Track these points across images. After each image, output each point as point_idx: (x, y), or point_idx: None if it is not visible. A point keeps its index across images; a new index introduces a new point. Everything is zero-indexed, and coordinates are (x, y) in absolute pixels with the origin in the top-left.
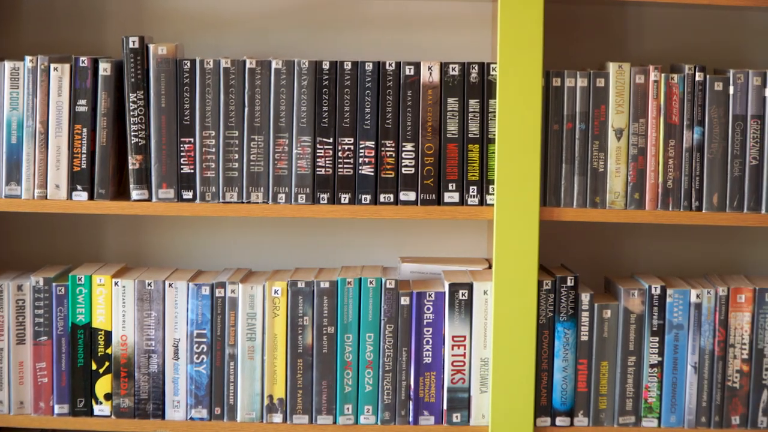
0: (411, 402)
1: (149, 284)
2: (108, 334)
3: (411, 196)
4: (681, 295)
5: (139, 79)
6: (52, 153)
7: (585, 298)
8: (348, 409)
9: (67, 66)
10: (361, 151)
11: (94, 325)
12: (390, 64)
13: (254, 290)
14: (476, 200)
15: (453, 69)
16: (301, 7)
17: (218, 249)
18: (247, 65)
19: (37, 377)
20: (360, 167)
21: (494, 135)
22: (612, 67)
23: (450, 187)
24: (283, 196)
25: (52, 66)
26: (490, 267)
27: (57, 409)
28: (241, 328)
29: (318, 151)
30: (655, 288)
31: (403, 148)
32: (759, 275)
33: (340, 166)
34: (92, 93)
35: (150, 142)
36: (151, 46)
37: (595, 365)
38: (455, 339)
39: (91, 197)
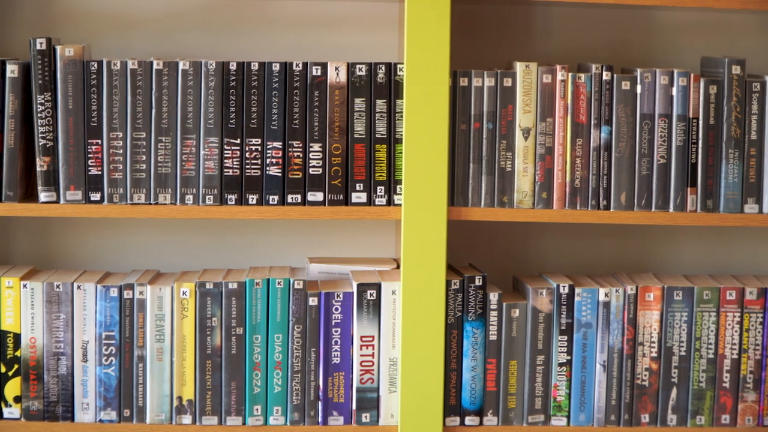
0: (320, 402)
1: (58, 286)
2: (17, 337)
3: (318, 196)
4: (589, 294)
5: (47, 80)
6: None
7: (493, 297)
8: (257, 410)
9: None
10: (268, 151)
11: (3, 327)
12: (297, 65)
13: (162, 292)
14: (384, 200)
15: (360, 69)
16: (208, 7)
17: (126, 251)
18: (154, 66)
19: None
20: (267, 168)
21: (401, 135)
22: (519, 67)
23: (357, 188)
24: (191, 197)
25: None
26: (398, 267)
27: None
28: (149, 329)
29: (225, 152)
30: (564, 287)
31: (311, 149)
32: (667, 273)
33: (247, 166)
34: None
35: (58, 144)
36: (59, 48)
37: (503, 364)
38: (364, 339)
39: None
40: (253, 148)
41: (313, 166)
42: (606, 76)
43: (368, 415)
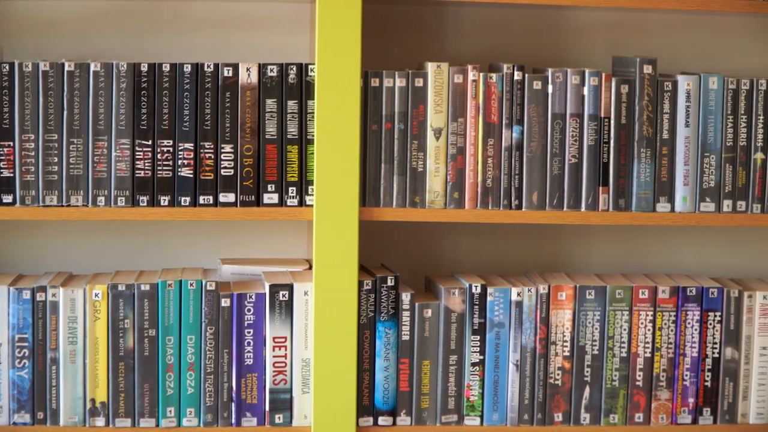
0: (233, 404)
1: None
2: None
3: (230, 197)
4: (502, 294)
5: None
6: None
7: (406, 297)
8: (170, 411)
9: None
10: (180, 153)
11: None
12: (208, 66)
13: (75, 294)
14: (295, 201)
15: (271, 70)
16: (120, 9)
17: (39, 253)
18: (66, 68)
19: None
20: (179, 169)
21: (313, 136)
22: (430, 67)
23: (269, 189)
24: (103, 198)
25: None
26: (310, 268)
27: None
28: (62, 331)
29: (137, 153)
30: (476, 287)
31: (222, 150)
32: (580, 273)
33: (159, 168)
34: None
35: None
36: None
37: (416, 364)
38: (276, 340)
39: None
40: (165, 149)
41: (225, 167)
42: (517, 76)
43: (281, 416)
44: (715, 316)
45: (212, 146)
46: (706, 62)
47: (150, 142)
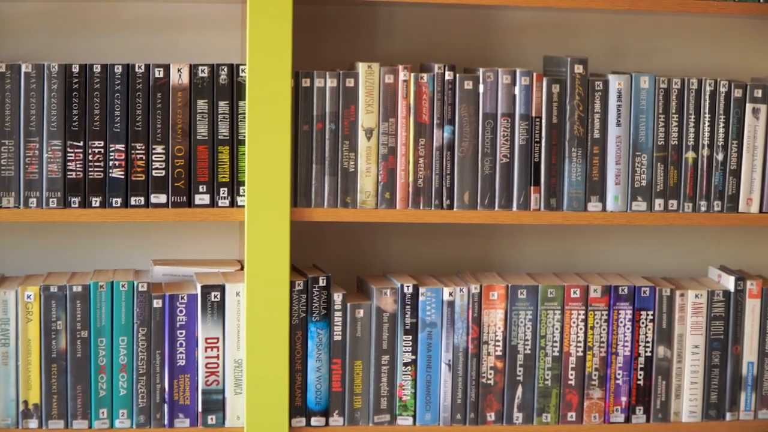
0: (166, 405)
1: None
2: None
3: (162, 198)
4: (433, 294)
5: None
6: None
7: (337, 298)
8: (103, 413)
9: None
10: (111, 154)
11: None
12: (139, 67)
13: (7, 295)
14: (227, 202)
15: (202, 71)
16: (50, 10)
17: None
18: None
19: None
20: (110, 170)
21: (244, 136)
22: (361, 67)
23: (201, 189)
24: (35, 200)
25: None
26: (242, 268)
27: None
28: None
29: (69, 154)
30: (408, 287)
31: (153, 151)
32: (511, 272)
33: (90, 169)
34: None
35: None
36: None
37: (349, 365)
38: (208, 341)
39: None
40: (96, 150)
41: (156, 168)
42: (448, 76)
43: (214, 417)
44: (648, 315)
45: (143, 147)
46: (637, 62)
47: (81, 144)
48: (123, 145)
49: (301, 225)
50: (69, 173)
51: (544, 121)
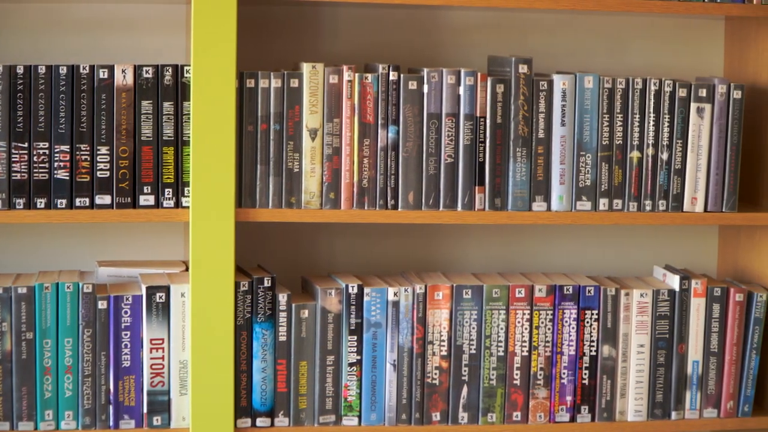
0: (111, 406)
1: None
2: None
3: (107, 199)
4: (378, 294)
5: None
6: None
7: (282, 298)
8: (49, 414)
9: None
10: (56, 155)
11: None
12: (84, 68)
13: None
14: (171, 203)
15: (147, 72)
16: None
17: None
18: None
19: None
20: (55, 171)
21: (189, 137)
22: (306, 68)
23: (145, 190)
24: None
25: None
26: (187, 269)
27: None
28: None
29: (13, 156)
30: (352, 287)
31: (98, 152)
32: (456, 272)
33: (35, 170)
34: None
35: None
36: None
37: (294, 365)
38: (153, 342)
39: None
40: (41, 151)
41: (101, 170)
42: (393, 76)
43: (159, 418)
44: (592, 314)
45: (88, 148)
46: (582, 61)
47: (26, 145)
48: (68, 146)
49: (245, 225)
50: (14, 174)
51: (488, 121)
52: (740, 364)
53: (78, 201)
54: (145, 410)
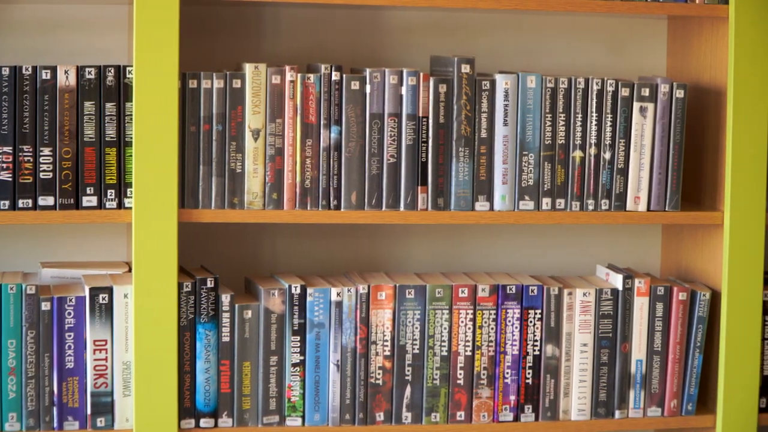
0: (55, 408)
1: None
2: None
3: (49, 200)
4: (321, 294)
5: None
6: None
7: (225, 299)
8: None
9: None
10: None
11: None
12: (26, 69)
13: None
14: (114, 204)
15: (89, 72)
16: None
17: None
18: None
19: None
20: None
21: (131, 138)
22: (248, 68)
23: (88, 191)
24: None
25: None
26: (130, 270)
27: None
28: None
29: None
30: (295, 287)
31: (41, 153)
32: (399, 272)
33: None
34: None
35: None
36: None
37: (237, 366)
38: (97, 343)
39: None
40: None
41: (44, 171)
42: (335, 76)
43: (103, 420)
44: (536, 313)
45: (31, 149)
46: (524, 61)
47: None
48: (10, 147)
49: (188, 226)
50: None
51: (431, 120)
52: (684, 362)
53: (21, 202)
54: (89, 411)
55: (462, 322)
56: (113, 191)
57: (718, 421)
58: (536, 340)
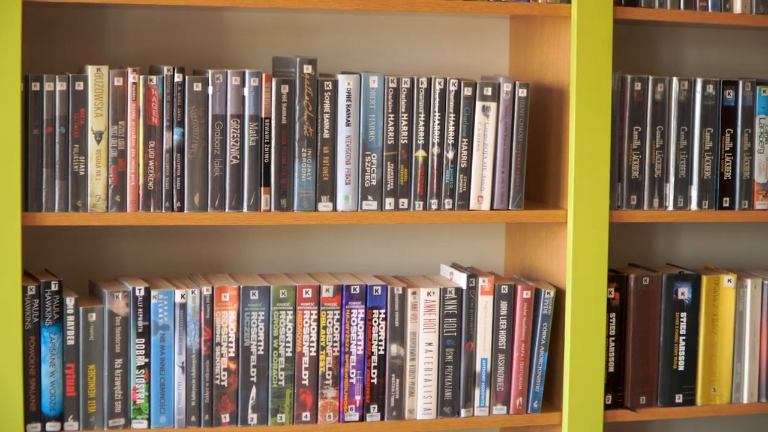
0: None
1: None
2: None
3: None
4: (165, 296)
5: None
6: None
7: (70, 302)
8: None
9: None
10: None
11: None
12: None
13: None
14: None
15: None
16: None
17: None
18: None
19: None
20: None
21: None
22: (91, 70)
23: None
24: None
25: None
26: None
27: None
28: None
29: None
30: (139, 289)
31: None
32: (243, 273)
33: None
34: None
35: None
36: None
37: (82, 369)
38: None
39: None
40: None
41: None
42: (178, 78)
43: None
44: (380, 313)
45: None
46: (367, 61)
47: None
48: None
49: (32, 230)
50: None
51: (273, 121)
52: (529, 360)
53: None
54: None
55: (306, 322)
56: None
57: (564, 418)
58: (381, 340)
